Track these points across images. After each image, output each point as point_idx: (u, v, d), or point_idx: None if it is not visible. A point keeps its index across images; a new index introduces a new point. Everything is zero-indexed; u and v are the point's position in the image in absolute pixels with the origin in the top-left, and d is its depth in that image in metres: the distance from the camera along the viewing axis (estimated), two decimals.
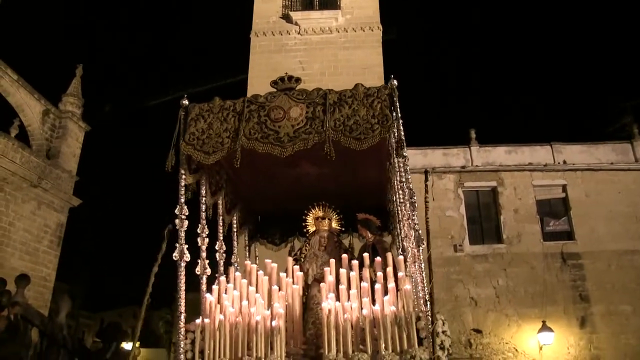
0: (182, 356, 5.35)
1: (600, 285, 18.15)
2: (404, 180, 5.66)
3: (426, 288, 5.21)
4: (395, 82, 5.75)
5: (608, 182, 19.44)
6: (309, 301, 6.72)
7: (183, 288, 5.59)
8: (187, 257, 5.64)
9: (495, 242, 19.16)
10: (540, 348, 17.25)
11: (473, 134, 20.60)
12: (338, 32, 21.41)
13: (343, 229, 7.68)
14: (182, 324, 5.50)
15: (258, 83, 20.11)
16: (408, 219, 5.62)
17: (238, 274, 6.42)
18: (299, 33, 21.50)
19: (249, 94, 19.59)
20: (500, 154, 20.23)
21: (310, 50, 21.08)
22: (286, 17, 21.76)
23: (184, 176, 5.86)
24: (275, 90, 6.04)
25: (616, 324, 17.62)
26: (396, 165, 5.80)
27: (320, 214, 7.39)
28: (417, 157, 19.20)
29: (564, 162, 19.79)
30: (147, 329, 42.08)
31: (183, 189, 5.85)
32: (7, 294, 11.02)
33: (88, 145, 23.23)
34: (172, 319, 38.62)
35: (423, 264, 5.23)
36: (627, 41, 58.76)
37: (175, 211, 5.74)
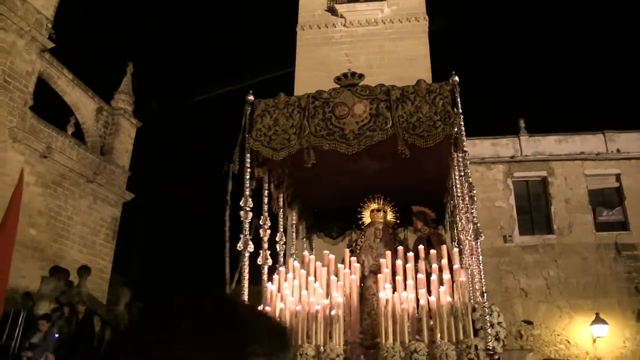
0: None
1: None
2: (463, 174, 5.73)
3: (483, 280, 5.28)
4: (456, 78, 5.80)
5: None
6: (364, 292, 6.85)
7: (247, 277, 5.78)
8: (251, 247, 5.83)
9: (546, 232, 18.85)
10: (594, 340, 16.95)
11: (522, 124, 20.27)
12: (384, 23, 21.24)
13: (398, 221, 7.75)
14: None
15: (305, 76, 20.23)
16: (466, 212, 5.68)
17: (297, 264, 6.59)
18: (344, 25, 21.44)
19: (296, 87, 19.85)
20: (550, 143, 19.84)
21: (356, 42, 21.00)
22: (331, 10, 21.73)
23: (249, 169, 6.03)
24: (338, 86, 6.14)
25: None
26: (456, 159, 5.86)
27: (376, 206, 7.50)
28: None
29: (618, 150, 19.29)
30: None
31: (248, 181, 6.03)
32: (70, 285, 11.55)
33: (139, 140, 23.87)
34: None
35: (481, 257, 5.30)
36: None
37: (240, 203, 5.92)
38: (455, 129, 5.69)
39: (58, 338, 9.46)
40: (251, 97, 6.25)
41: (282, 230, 7.19)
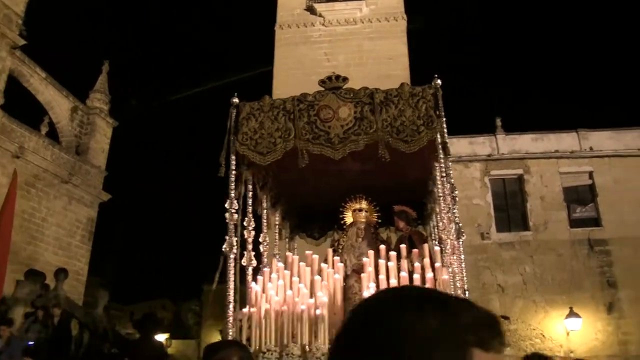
0: None
1: (628, 271, 18.03)
2: (445, 175, 5.82)
3: (465, 278, 5.37)
4: (439, 81, 5.88)
5: (636, 168, 19.24)
6: (347, 291, 6.88)
7: (232, 279, 5.79)
8: (236, 249, 5.85)
9: (522, 229, 19.19)
10: (568, 334, 17.29)
11: (499, 122, 20.58)
12: (362, 22, 21.37)
13: (380, 220, 7.82)
14: (230, 313, 5.70)
15: (284, 75, 20.27)
16: (448, 212, 5.78)
17: (281, 264, 6.63)
18: (323, 24, 21.50)
19: (274, 86, 19.92)
20: (526, 142, 20.17)
21: (335, 41, 21.08)
22: (310, 9, 21.75)
23: (234, 172, 6.05)
24: (323, 89, 6.18)
25: None
26: (438, 161, 5.96)
27: (358, 206, 7.55)
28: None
29: (591, 148, 19.68)
30: (176, 321, 42.77)
31: (233, 184, 6.04)
32: (47, 288, 11.40)
33: (116, 140, 23.64)
34: (200, 311, 39.25)
35: (462, 255, 5.40)
36: None
37: (226, 205, 5.93)
38: (438, 134, 5.78)
39: (34, 343, 9.29)
40: (236, 100, 6.25)
41: (265, 231, 7.22)
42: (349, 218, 7.64)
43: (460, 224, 5.51)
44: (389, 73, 19.64)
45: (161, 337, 24.65)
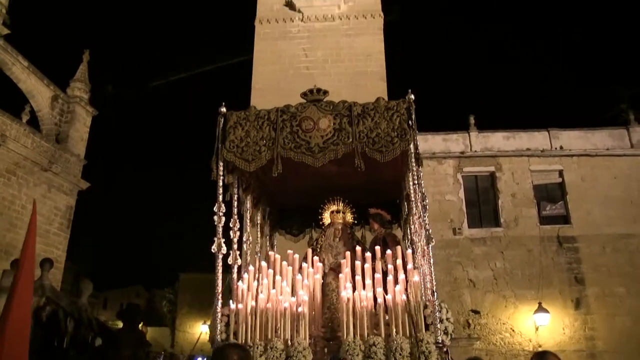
0: (218, 337, 6.00)
1: (595, 268, 18.72)
2: (416, 183, 6.28)
3: (434, 281, 5.85)
4: (412, 96, 6.34)
5: (604, 168, 19.92)
6: (325, 288, 7.34)
7: (220, 277, 6.21)
8: (224, 249, 6.27)
9: (493, 225, 19.69)
10: (537, 328, 17.91)
11: (472, 120, 21.00)
12: (340, 19, 21.59)
13: (356, 222, 8.28)
14: (218, 309, 6.13)
15: (263, 70, 20.56)
16: (419, 218, 6.24)
17: (264, 264, 7.03)
18: (302, 20, 21.68)
19: (253, 80, 20.17)
20: (498, 140, 20.68)
21: (314, 37, 21.31)
22: (289, 4, 21.91)
23: (221, 177, 6.47)
24: (305, 100, 6.62)
25: (610, 305, 18.24)
26: (411, 168, 6.41)
27: (335, 207, 8.02)
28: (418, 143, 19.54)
29: (561, 147, 20.25)
30: (149, 308, 43.03)
31: (221, 188, 6.47)
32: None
33: (95, 129, 23.76)
34: (174, 299, 39.55)
35: (432, 260, 5.87)
36: (626, 30, 59.03)
37: (214, 209, 6.34)
38: (411, 145, 6.23)
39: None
40: (223, 109, 6.68)
41: (248, 230, 7.63)
42: (327, 219, 8.10)
43: (430, 231, 5.97)
44: (365, 70, 20.06)
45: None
